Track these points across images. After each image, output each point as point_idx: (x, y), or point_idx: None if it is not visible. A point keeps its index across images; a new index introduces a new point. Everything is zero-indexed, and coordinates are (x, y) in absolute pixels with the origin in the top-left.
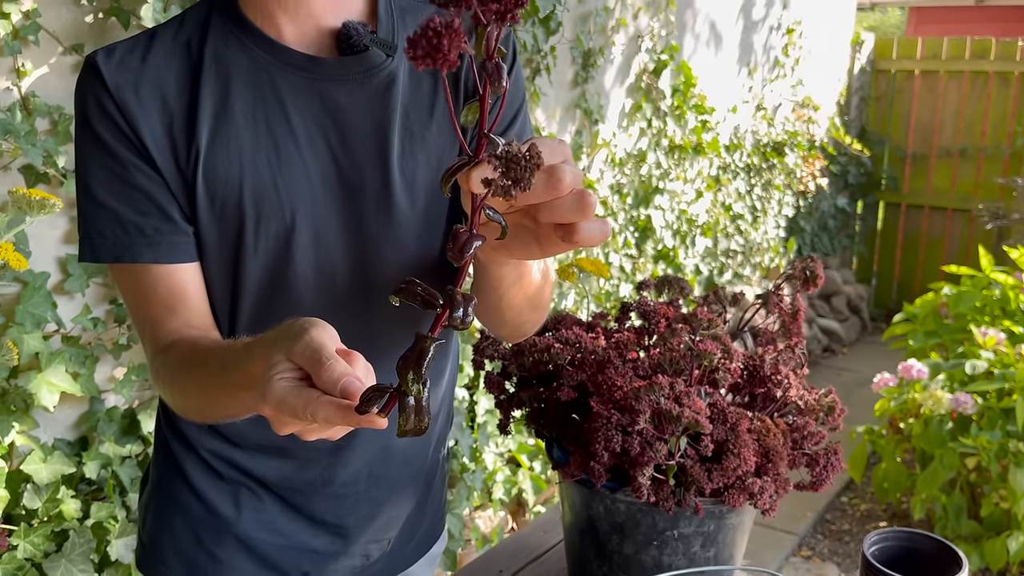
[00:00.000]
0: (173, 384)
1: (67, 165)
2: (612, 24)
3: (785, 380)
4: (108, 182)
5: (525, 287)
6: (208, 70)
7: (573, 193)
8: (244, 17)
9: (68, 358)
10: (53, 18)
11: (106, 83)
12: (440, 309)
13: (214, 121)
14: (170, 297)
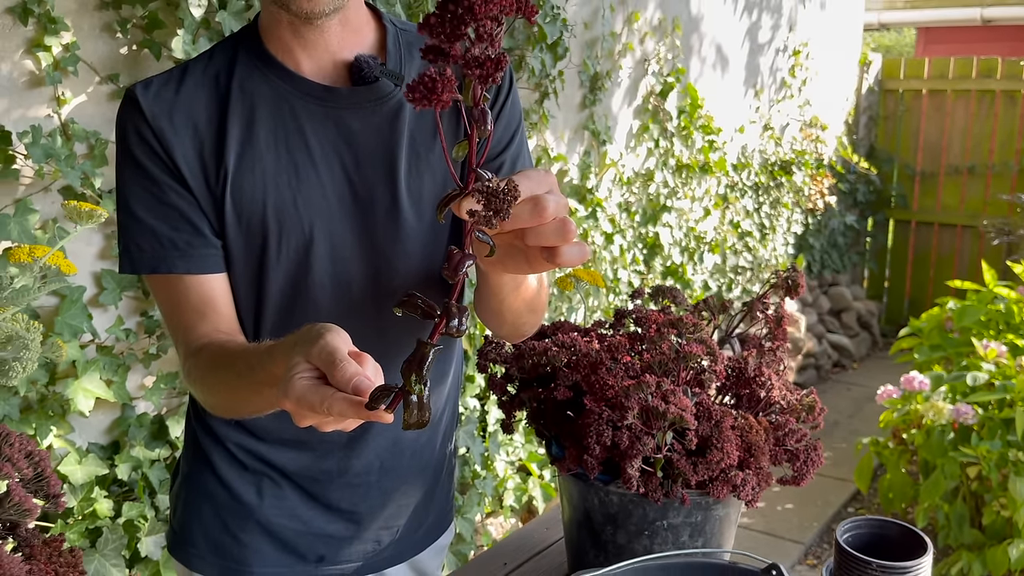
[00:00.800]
0: (204, 383)
1: (103, 186)
2: (619, 49)
3: (768, 381)
4: (146, 201)
5: (522, 293)
6: (235, 100)
7: (556, 220)
8: (267, 52)
9: (102, 366)
10: (91, 50)
11: (144, 113)
12: (438, 319)
13: (241, 146)
14: (201, 304)
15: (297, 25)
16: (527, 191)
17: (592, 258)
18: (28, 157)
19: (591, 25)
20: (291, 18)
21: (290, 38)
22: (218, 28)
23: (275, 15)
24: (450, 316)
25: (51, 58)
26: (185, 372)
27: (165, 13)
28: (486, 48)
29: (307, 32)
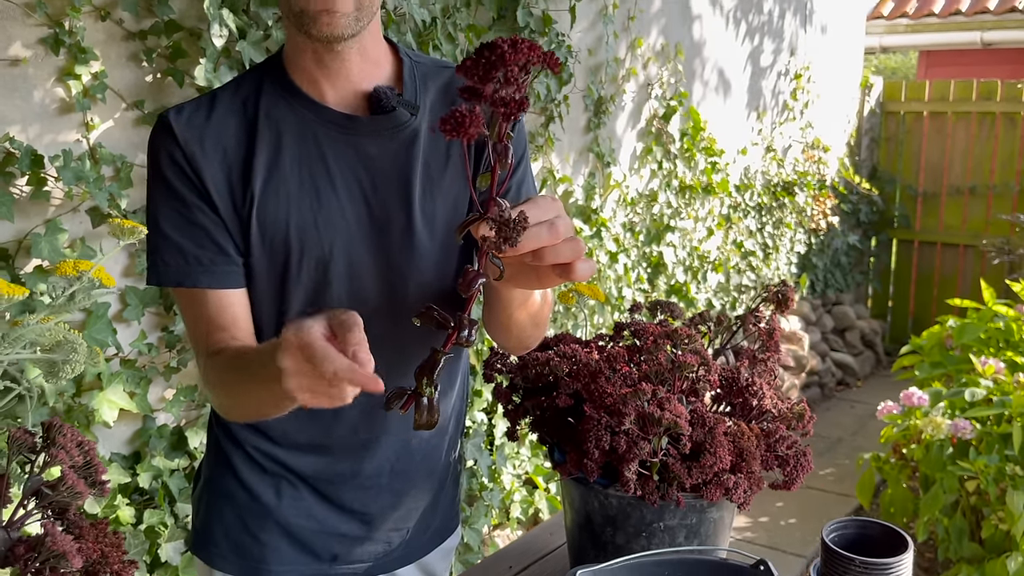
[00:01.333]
0: (220, 384)
1: (128, 207)
2: (623, 73)
3: (760, 391)
4: (174, 219)
5: (528, 307)
6: (262, 127)
7: (569, 240)
8: (292, 82)
9: (125, 379)
10: (118, 78)
11: (176, 137)
12: (451, 330)
13: (267, 170)
14: (220, 316)
15: (320, 54)
16: (536, 218)
17: (597, 276)
18: (59, 179)
19: (595, 51)
20: (314, 45)
21: (313, 68)
22: (238, 57)
23: (300, 45)
24: (461, 327)
25: (81, 86)
26: (203, 375)
27: (188, 43)
28: (513, 91)
29: (329, 61)
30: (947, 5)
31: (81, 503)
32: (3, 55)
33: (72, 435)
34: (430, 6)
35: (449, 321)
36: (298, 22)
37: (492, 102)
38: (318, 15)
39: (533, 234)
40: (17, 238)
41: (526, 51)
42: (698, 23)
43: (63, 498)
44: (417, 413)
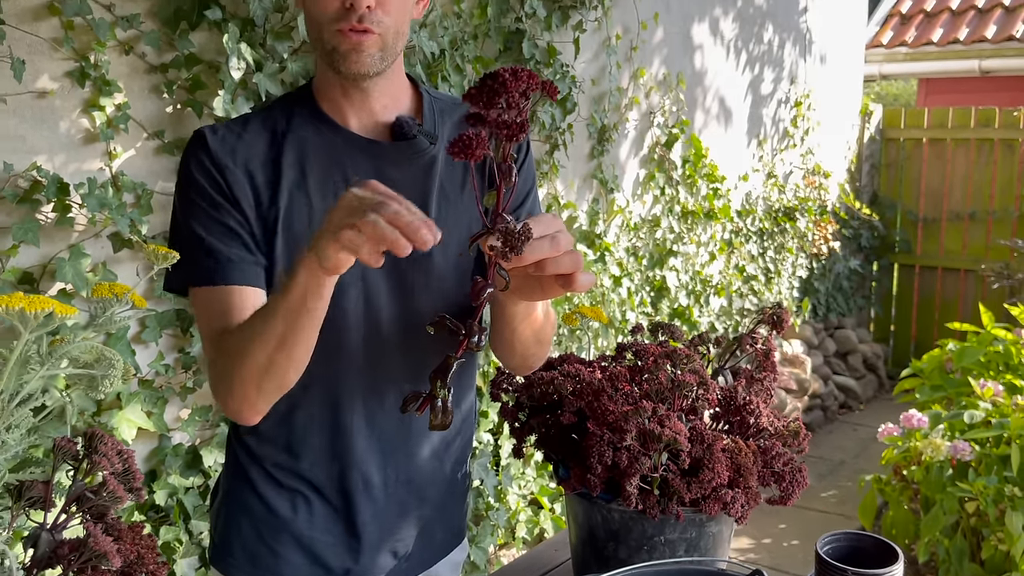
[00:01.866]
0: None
1: (148, 232)
2: (625, 102)
3: (756, 409)
4: (202, 219)
5: (532, 322)
6: (290, 149)
7: (567, 253)
8: (320, 110)
9: (143, 399)
10: (140, 109)
11: (210, 149)
12: (463, 336)
13: (293, 188)
14: (241, 314)
15: (347, 87)
16: (539, 231)
17: (601, 300)
18: (83, 206)
19: (599, 81)
20: (342, 80)
21: (341, 99)
22: (254, 89)
23: (329, 79)
24: (471, 333)
25: (105, 117)
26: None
27: (207, 75)
28: (514, 115)
29: (355, 94)
30: (946, 34)
31: (120, 507)
32: (32, 87)
33: (112, 444)
34: (439, 39)
35: (461, 328)
36: (329, 59)
37: (495, 126)
38: (347, 54)
39: (536, 247)
40: (42, 263)
41: (526, 79)
42: (699, 53)
43: (104, 502)
44: (432, 414)
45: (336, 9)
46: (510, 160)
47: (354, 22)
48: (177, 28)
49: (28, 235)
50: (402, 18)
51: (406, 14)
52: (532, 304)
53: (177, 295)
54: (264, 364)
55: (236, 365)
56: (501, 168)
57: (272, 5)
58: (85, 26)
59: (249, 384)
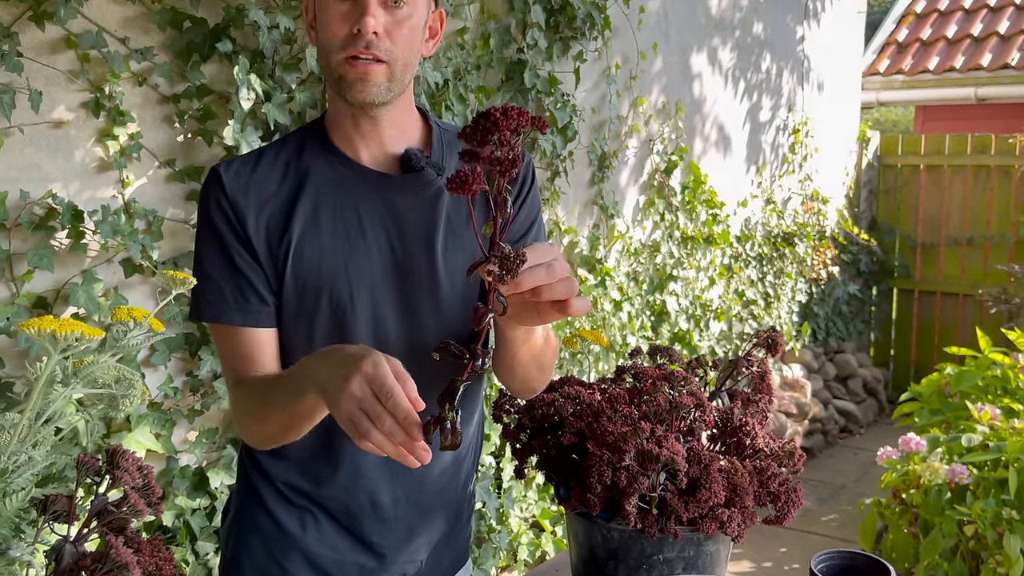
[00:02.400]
0: (248, 409)
1: (159, 257)
2: (625, 130)
3: (752, 430)
4: (216, 262)
5: (532, 347)
6: (302, 180)
7: (562, 279)
8: (331, 143)
9: (152, 421)
10: (152, 138)
11: (225, 188)
12: (467, 360)
13: (306, 219)
14: (250, 351)
15: (357, 118)
16: (535, 260)
17: (602, 324)
18: (96, 233)
19: (599, 109)
20: (352, 110)
21: (351, 131)
22: (263, 118)
23: (340, 110)
24: (475, 357)
25: (118, 146)
26: (232, 403)
27: (217, 105)
28: (506, 152)
29: (365, 124)
30: (942, 62)
31: (140, 521)
32: (48, 118)
33: (133, 459)
34: (442, 69)
35: (465, 353)
36: (337, 87)
37: (489, 162)
38: (353, 82)
39: (533, 274)
40: (56, 287)
41: (516, 117)
42: (698, 81)
43: (125, 515)
44: (442, 436)
45: (344, 36)
46: (505, 193)
47: (361, 48)
48: (189, 60)
49: (43, 261)
50: (410, 51)
51: (415, 47)
52: (531, 329)
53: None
54: (276, 432)
55: (252, 421)
56: (496, 201)
57: (281, 37)
58: (100, 59)
59: (262, 438)
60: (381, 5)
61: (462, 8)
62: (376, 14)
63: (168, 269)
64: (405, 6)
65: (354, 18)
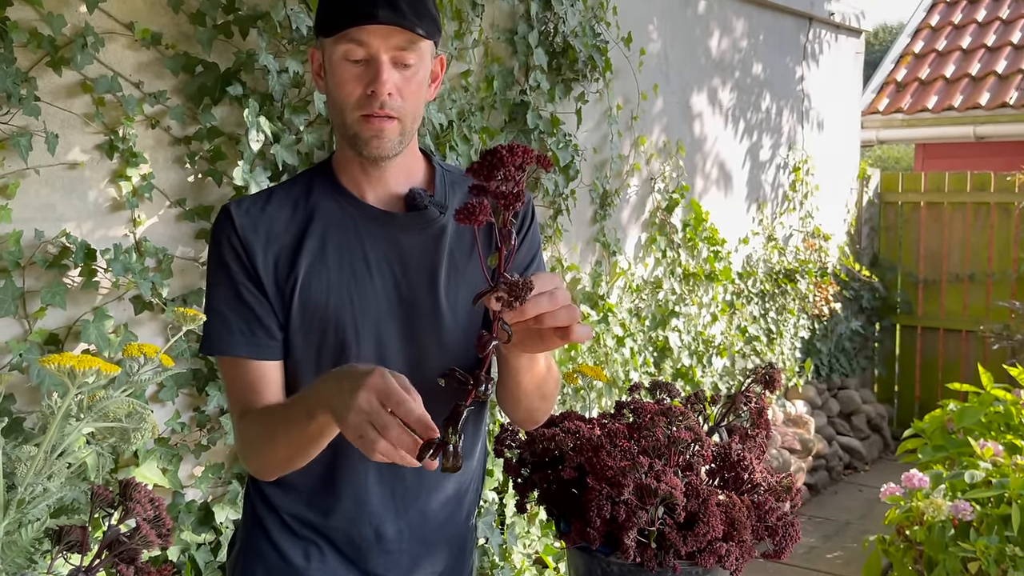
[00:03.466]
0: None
1: (168, 295)
2: (627, 169)
3: (750, 465)
4: (225, 297)
5: (535, 375)
6: (311, 219)
7: (564, 307)
8: (339, 183)
9: (159, 456)
10: (163, 178)
11: (236, 226)
12: (471, 386)
13: (313, 255)
14: (257, 383)
15: (367, 165)
16: (539, 288)
17: (604, 360)
18: (108, 270)
19: (600, 149)
20: (362, 160)
21: (359, 175)
22: (272, 159)
23: (349, 157)
24: (479, 383)
25: (130, 186)
26: (238, 434)
27: (227, 146)
28: (511, 187)
29: (373, 171)
30: (941, 101)
31: (151, 551)
32: (64, 159)
33: (145, 492)
34: (447, 111)
35: (469, 380)
36: (352, 143)
37: (494, 196)
38: (369, 140)
39: (537, 302)
40: (67, 324)
41: (521, 154)
42: (698, 121)
43: (137, 546)
44: (444, 459)
45: (359, 96)
46: (509, 225)
47: (376, 108)
48: (201, 103)
49: (56, 298)
50: (419, 103)
51: (422, 99)
52: (534, 357)
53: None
54: (283, 459)
55: (258, 451)
56: (502, 232)
57: (290, 81)
58: (115, 102)
59: (269, 466)
60: (393, 65)
61: (466, 52)
62: (391, 78)
63: (178, 306)
64: (413, 65)
65: (367, 79)
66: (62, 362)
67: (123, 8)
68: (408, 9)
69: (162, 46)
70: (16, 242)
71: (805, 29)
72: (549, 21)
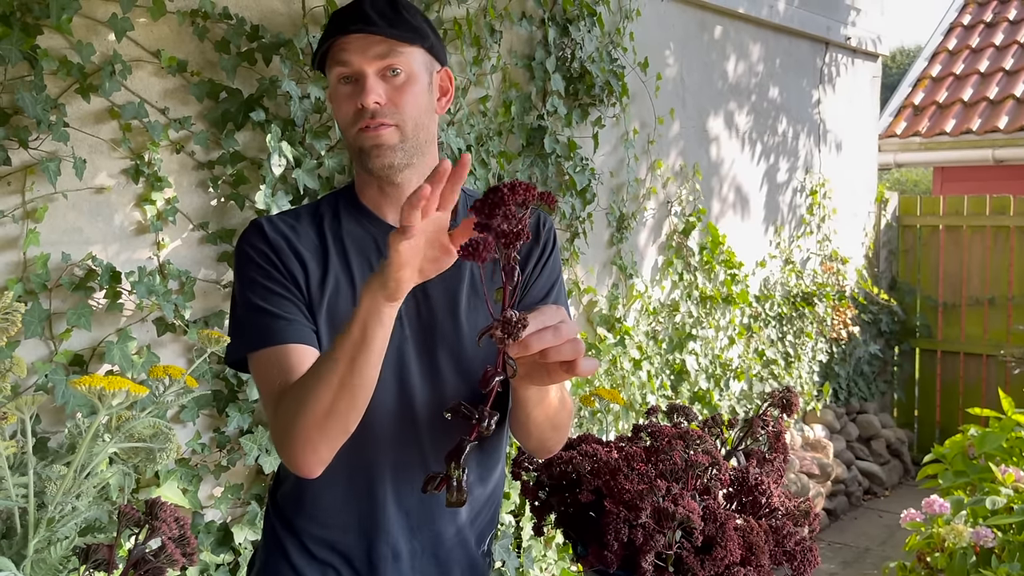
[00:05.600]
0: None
1: (190, 317)
2: (643, 192)
3: (768, 489)
4: (259, 290)
5: (546, 408)
6: (335, 239)
7: (569, 341)
8: (362, 204)
9: (179, 476)
10: (187, 202)
11: (266, 234)
12: (475, 421)
13: (338, 275)
14: (299, 365)
15: (383, 184)
16: (543, 323)
17: (621, 383)
18: (132, 293)
19: (617, 173)
20: (377, 179)
21: (378, 196)
22: (293, 183)
23: (366, 179)
24: (482, 419)
25: (155, 210)
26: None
27: (250, 171)
28: (514, 225)
29: (390, 190)
30: (958, 124)
31: (176, 569)
32: (91, 184)
33: (171, 511)
34: (465, 135)
35: (474, 415)
36: (360, 160)
37: (496, 234)
38: (370, 150)
39: (541, 337)
40: (92, 345)
41: (522, 192)
42: (715, 145)
43: (162, 564)
44: (448, 493)
45: (353, 113)
46: (513, 262)
47: (368, 119)
48: (224, 128)
49: (81, 320)
50: (417, 110)
51: (422, 106)
52: (544, 390)
53: (237, 369)
54: (327, 407)
55: (299, 412)
56: (505, 270)
57: (312, 107)
58: (141, 128)
59: (313, 429)
60: (379, 78)
61: (485, 77)
62: (374, 88)
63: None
64: (401, 72)
65: (357, 94)
66: (92, 383)
67: (150, 36)
68: (380, 19)
69: (187, 73)
70: (43, 265)
71: (822, 53)
72: (566, 47)
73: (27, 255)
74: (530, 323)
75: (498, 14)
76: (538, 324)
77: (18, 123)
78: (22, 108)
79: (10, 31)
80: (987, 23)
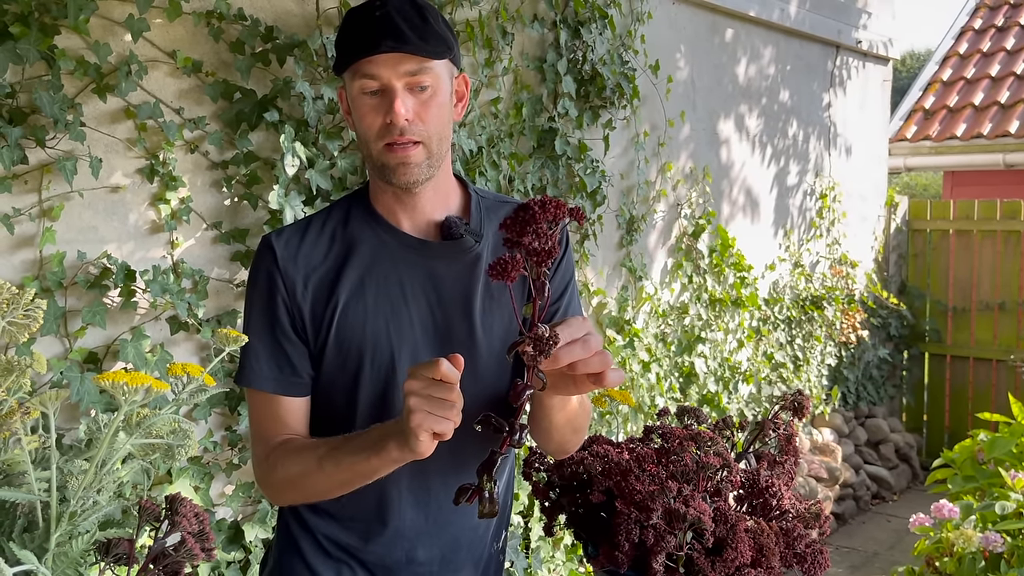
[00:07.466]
0: (290, 472)
1: (203, 315)
2: (653, 195)
3: (779, 492)
4: (261, 333)
5: (568, 413)
6: (348, 247)
7: (597, 353)
8: (375, 211)
9: (191, 474)
10: (201, 202)
11: (276, 258)
12: (506, 434)
13: (352, 284)
14: (285, 416)
15: (399, 194)
16: (570, 336)
17: (630, 385)
18: (147, 291)
19: (627, 175)
20: (393, 188)
21: (393, 203)
22: (306, 184)
23: (382, 187)
24: (513, 432)
25: (169, 209)
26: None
27: (263, 171)
28: (544, 242)
29: (406, 198)
30: (969, 128)
31: (196, 564)
32: (107, 183)
33: (191, 506)
34: (476, 137)
35: (504, 427)
36: (381, 174)
37: (526, 252)
38: (396, 168)
39: (569, 350)
40: (106, 343)
41: (553, 210)
42: (725, 147)
43: (182, 559)
44: (480, 505)
45: (380, 126)
46: (544, 278)
47: (396, 135)
48: (238, 129)
49: (96, 318)
50: (442, 124)
51: (446, 119)
52: (567, 397)
53: None
54: (321, 492)
55: (293, 487)
56: (535, 286)
57: (325, 107)
58: (156, 128)
59: (299, 498)
60: (408, 92)
61: (496, 79)
62: (405, 102)
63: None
64: (429, 87)
65: (384, 108)
66: (115, 379)
67: (166, 37)
68: (412, 33)
69: (202, 73)
70: (59, 263)
71: (832, 56)
72: (578, 49)
73: (43, 253)
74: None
75: (510, 16)
76: (567, 337)
77: (35, 122)
78: (39, 107)
79: (28, 31)
80: (998, 27)
